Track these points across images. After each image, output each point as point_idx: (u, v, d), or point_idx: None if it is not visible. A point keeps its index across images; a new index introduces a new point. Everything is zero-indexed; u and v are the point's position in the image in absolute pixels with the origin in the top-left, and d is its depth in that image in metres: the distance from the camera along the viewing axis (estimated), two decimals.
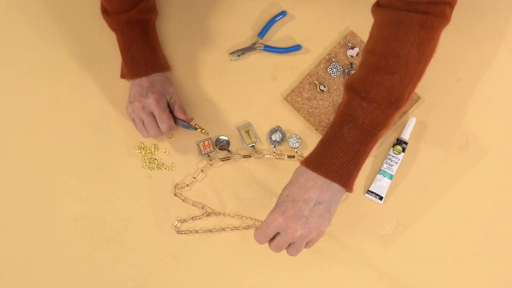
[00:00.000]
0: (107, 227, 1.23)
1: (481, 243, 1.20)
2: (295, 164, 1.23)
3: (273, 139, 1.24)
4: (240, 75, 1.25)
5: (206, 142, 1.24)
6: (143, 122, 1.14)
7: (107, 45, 1.25)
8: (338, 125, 0.94)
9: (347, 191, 0.95)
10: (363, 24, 1.23)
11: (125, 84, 1.22)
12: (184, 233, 1.23)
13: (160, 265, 1.23)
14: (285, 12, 1.26)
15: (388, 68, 0.91)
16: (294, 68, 1.25)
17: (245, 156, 1.24)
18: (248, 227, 1.23)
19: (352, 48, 1.25)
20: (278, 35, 1.27)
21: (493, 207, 1.21)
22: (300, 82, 1.26)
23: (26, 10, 1.27)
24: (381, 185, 1.22)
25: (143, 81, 1.15)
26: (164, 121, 1.13)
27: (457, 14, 1.21)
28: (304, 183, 0.94)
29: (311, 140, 1.24)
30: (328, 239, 1.21)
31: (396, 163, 1.22)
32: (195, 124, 1.23)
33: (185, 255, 1.23)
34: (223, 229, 1.23)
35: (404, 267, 1.21)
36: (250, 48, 1.26)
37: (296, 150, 1.23)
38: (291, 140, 1.23)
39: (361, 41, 1.26)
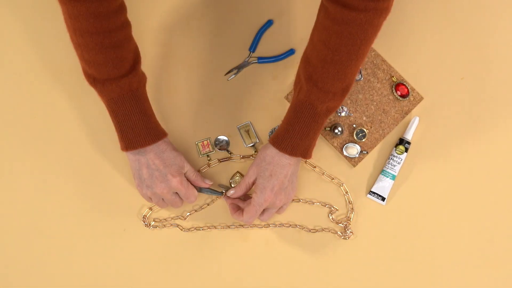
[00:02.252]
0: (105, 228, 1.23)
1: (485, 246, 1.20)
2: None
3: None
4: (240, 89, 1.25)
5: (205, 142, 1.23)
6: (163, 199, 1.15)
7: None
8: (299, 111, 1.08)
9: (307, 159, 1.13)
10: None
11: None
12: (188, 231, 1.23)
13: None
14: (271, 21, 1.25)
15: (342, 63, 1.02)
16: (294, 68, 1.24)
17: (244, 157, 1.23)
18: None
19: None
20: (272, 44, 1.26)
21: (498, 209, 1.21)
22: None
23: (22, 9, 1.25)
24: (384, 185, 1.21)
25: (153, 160, 1.11)
26: (191, 195, 1.16)
27: (460, 13, 1.23)
28: (281, 162, 1.10)
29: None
30: (329, 239, 1.21)
31: (398, 163, 1.21)
32: (219, 185, 1.22)
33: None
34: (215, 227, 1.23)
35: (406, 268, 1.21)
36: (244, 64, 1.24)
37: None
38: None
39: None
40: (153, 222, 1.22)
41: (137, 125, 1.08)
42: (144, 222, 1.22)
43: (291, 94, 1.24)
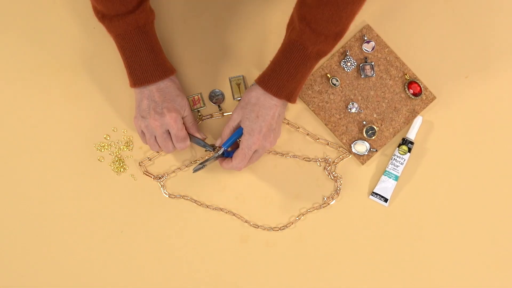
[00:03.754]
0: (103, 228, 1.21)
1: (489, 248, 1.20)
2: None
3: None
4: (241, 48, 1.24)
5: (196, 97, 1.22)
6: (155, 137, 1.14)
7: (101, 41, 1.22)
8: (288, 51, 1.07)
9: (291, 103, 1.12)
10: (380, 18, 1.22)
11: (120, 80, 1.21)
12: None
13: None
14: None
15: (338, 5, 1.01)
16: None
17: (227, 113, 1.23)
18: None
19: (368, 42, 1.22)
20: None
21: (503, 210, 1.21)
22: (312, 75, 1.22)
23: (19, 7, 1.24)
24: (386, 186, 1.20)
25: (154, 93, 1.12)
26: (181, 140, 1.14)
27: (464, 11, 1.24)
28: (267, 102, 1.09)
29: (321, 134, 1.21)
30: (329, 240, 1.20)
31: (401, 163, 1.20)
32: (212, 145, 1.18)
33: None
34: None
35: (408, 271, 1.20)
36: (213, 158, 1.16)
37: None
38: None
39: (377, 35, 1.22)
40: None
41: (144, 61, 1.10)
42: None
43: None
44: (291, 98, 1.10)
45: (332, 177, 1.20)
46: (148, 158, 1.21)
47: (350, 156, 1.21)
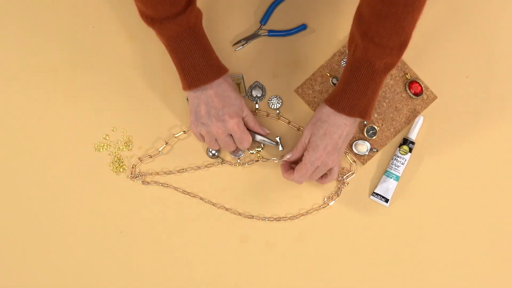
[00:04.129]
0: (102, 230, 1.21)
1: (491, 248, 1.20)
2: (278, 123, 1.22)
3: (254, 95, 1.21)
4: (246, 64, 1.23)
5: None
6: (216, 140, 1.14)
7: (100, 40, 1.22)
8: (356, 70, 1.06)
9: (366, 120, 1.10)
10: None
11: (119, 79, 1.21)
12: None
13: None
14: None
15: (398, 15, 1.00)
16: (304, 61, 1.22)
17: None
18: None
19: None
20: (284, 18, 1.23)
21: (505, 210, 1.20)
22: (312, 74, 1.21)
23: (16, 5, 1.24)
24: (387, 187, 1.19)
25: (212, 98, 1.10)
26: (245, 140, 1.13)
27: (466, 10, 1.23)
28: (337, 121, 1.09)
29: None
30: (329, 241, 1.20)
31: (402, 163, 1.19)
32: (276, 137, 1.20)
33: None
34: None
35: (410, 272, 1.20)
36: (254, 36, 1.22)
37: (278, 111, 1.21)
38: (272, 101, 1.21)
39: None
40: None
41: (198, 62, 1.09)
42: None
43: (301, 87, 1.22)
44: (366, 115, 1.09)
45: (341, 182, 1.20)
46: (149, 155, 1.20)
47: (355, 163, 1.21)
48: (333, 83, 1.20)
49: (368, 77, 1.06)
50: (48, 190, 1.20)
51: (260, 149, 1.20)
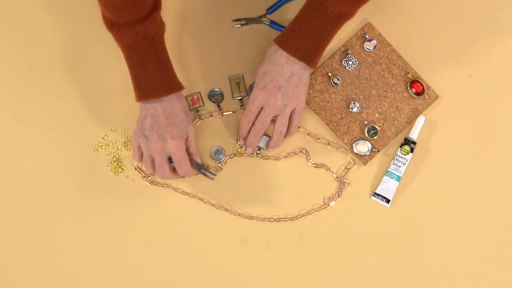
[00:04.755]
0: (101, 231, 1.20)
1: (493, 249, 1.19)
2: None
3: None
4: (246, 63, 1.23)
5: (196, 97, 1.21)
6: (153, 160, 1.11)
7: (99, 39, 1.21)
8: (308, 11, 1.06)
9: (311, 67, 1.10)
10: (381, 16, 1.21)
11: (118, 79, 1.20)
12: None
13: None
14: None
15: None
16: None
17: (226, 112, 1.22)
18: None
19: (370, 40, 1.21)
20: (289, 15, 1.22)
21: (506, 211, 1.20)
22: (313, 74, 1.21)
23: (13, 4, 1.24)
24: (388, 187, 1.19)
25: (159, 113, 1.08)
26: (183, 166, 1.10)
27: (468, 9, 1.23)
28: (278, 60, 1.08)
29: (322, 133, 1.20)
30: (330, 242, 1.19)
31: (404, 164, 1.18)
32: (213, 170, 1.20)
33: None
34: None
35: (411, 273, 1.19)
36: (255, 20, 1.22)
37: None
38: None
39: (379, 33, 1.21)
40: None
41: (151, 75, 1.07)
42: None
43: None
44: (311, 62, 1.08)
45: (340, 181, 1.19)
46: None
47: (356, 163, 1.20)
48: (334, 82, 1.19)
49: (319, 21, 1.05)
50: (46, 190, 1.20)
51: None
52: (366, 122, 1.19)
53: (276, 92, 1.09)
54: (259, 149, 1.19)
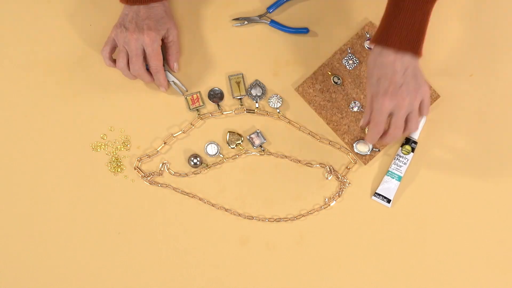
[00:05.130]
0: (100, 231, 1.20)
1: (495, 249, 1.19)
2: (278, 122, 1.21)
3: (254, 94, 1.20)
4: (246, 62, 1.22)
5: (195, 96, 1.20)
6: (127, 54, 1.13)
7: (97, 38, 1.21)
8: (397, 1, 1.02)
9: (418, 57, 1.05)
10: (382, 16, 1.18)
11: (117, 78, 1.20)
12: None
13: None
14: None
15: None
16: (305, 58, 1.21)
17: (226, 112, 1.21)
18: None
19: (370, 39, 1.18)
20: (288, 15, 1.23)
21: (508, 211, 1.19)
22: (313, 73, 1.20)
23: (12, 2, 1.24)
24: (389, 187, 1.18)
25: (141, 10, 1.11)
26: (153, 59, 1.13)
27: (470, 7, 1.23)
28: (386, 60, 1.03)
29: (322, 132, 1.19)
30: (330, 242, 1.19)
31: (405, 163, 1.18)
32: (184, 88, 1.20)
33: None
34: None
35: (412, 274, 1.19)
36: (255, 19, 1.22)
37: (278, 110, 1.20)
38: (272, 100, 1.20)
39: None
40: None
41: None
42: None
43: (302, 86, 1.20)
44: (417, 49, 1.04)
45: (341, 181, 1.19)
46: (148, 155, 1.19)
47: (356, 162, 1.20)
48: (334, 81, 1.18)
49: (413, 7, 1.02)
50: (44, 190, 1.20)
51: (240, 141, 1.19)
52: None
53: (398, 91, 1.03)
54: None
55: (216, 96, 1.20)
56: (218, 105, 1.20)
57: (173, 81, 1.17)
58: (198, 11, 1.23)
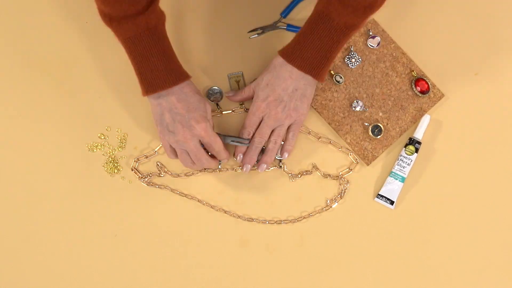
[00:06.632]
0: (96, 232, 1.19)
1: (499, 250, 1.18)
2: None
3: None
4: (246, 61, 1.22)
5: None
6: (187, 152, 1.09)
7: (94, 36, 1.22)
8: (314, 22, 1.05)
9: (319, 81, 1.10)
10: (385, 13, 1.19)
11: (116, 77, 1.20)
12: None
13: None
14: None
15: None
16: None
17: (226, 111, 1.20)
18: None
19: (373, 37, 1.19)
20: (302, 16, 1.22)
21: None
22: None
23: (8, 2, 1.24)
24: (392, 188, 1.17)
25: (175, 104, 1.07)
26: (215, 144, 1.09)
27: (474, 5, 1.23)
28: (281, 73, 1.08)
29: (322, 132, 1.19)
30: (332, 244, 1.18)
31: (408, 164, 1.17)
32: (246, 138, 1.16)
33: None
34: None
35: (415, 276, 1.18)
36: (272, 27, 1.21)
37: None
38: None
39: (382, 30, 1.20)
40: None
41: (156, 66, 1.05)
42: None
43: None
44: (317, 74, 1.07)
45: (340, 181, 1.18)
46: (145, 156, 1.18)
47: (358, 163, 1.19)
48: (336, 80, 1.17)
49: (325, 33, 1.04)
50: (40, 190, 1.19)
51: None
52: (366, 124, 1.17)
53: (278, 105, 1.09)
54: (280, 162, 1.18)
55: (215, 95, 1.19)
56: (217, 105, 1.19)
57: (232, 140, 1.14)
58: (197, 8, 1.23)
